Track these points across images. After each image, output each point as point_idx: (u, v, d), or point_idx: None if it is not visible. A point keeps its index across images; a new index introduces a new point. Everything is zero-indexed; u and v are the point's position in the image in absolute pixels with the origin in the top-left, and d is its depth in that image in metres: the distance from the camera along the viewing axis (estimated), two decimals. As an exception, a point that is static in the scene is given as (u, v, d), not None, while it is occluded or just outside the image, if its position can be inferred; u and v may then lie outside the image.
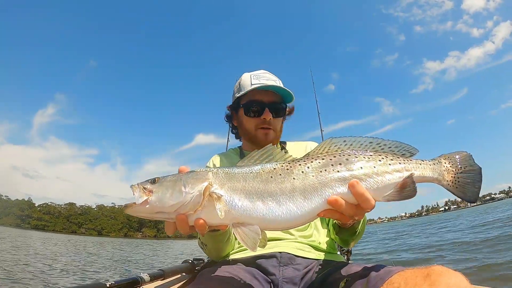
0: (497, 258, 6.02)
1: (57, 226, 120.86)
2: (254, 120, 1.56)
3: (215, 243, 1.34)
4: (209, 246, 1.37)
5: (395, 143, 0.98)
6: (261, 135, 1.56)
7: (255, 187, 0.90)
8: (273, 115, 1.54)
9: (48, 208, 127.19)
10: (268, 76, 1.60)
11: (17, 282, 6.44)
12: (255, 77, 1.58)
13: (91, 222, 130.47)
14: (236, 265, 1.29)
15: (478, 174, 0.99)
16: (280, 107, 1.57)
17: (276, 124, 1.58)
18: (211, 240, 1.32)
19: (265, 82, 1.55)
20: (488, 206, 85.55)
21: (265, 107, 1.53)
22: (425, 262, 6.16)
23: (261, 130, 1.56)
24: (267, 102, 1.54)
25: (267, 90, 1.55)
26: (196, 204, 0.87)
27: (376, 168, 0.92)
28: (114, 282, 1.45)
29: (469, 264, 5.89)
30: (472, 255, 6.83)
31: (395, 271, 0.92)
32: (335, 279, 1.11)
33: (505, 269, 5.06)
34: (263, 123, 1.55)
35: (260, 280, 1.23)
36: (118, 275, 8.84)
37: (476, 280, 4.44)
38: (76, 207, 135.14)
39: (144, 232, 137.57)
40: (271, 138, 1.57)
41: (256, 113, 1.54)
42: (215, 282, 1.12)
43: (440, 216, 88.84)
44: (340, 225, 1.29)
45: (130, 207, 0.88)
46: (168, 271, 1.79)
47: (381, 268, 0.99)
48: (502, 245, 7.49)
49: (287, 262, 1.30)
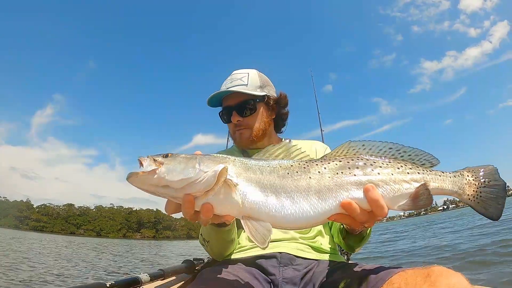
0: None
1: (55, 227, 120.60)
2: (230, 125, 1.65)
3: (218, 241, 1.33)
4: (212, 243, 1.36)
5: (415, 151, 0.95)
6: (238, 137, 1.62)
7: (271, 181, 0.87)
8: (242, 115, 1.57)
9: (47, 209, 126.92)
10: (234, 77, 1.62)
11: (17, 283, 6.41)
12: (224, 83, 1.63)
13: (90, 223, 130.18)
14: (236, 265, 1.29)
15: (502, 190, 0.93)
16: (247, 106, 1.57)
17: (249, 122, 1.59)
18: (215, 236, 1.31)
19: (229, 86, 1.58)
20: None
21: (232, 111, 1.57)
22: (426, 263, 6.16)
23: (237, 133, 1.61)
24: (234, 104, 1.58)
25: (228, 94, 1.60)
26: (207, 186, 0.81)
27: (393, 175, 0.90)
28: (114, 282, 1.44)
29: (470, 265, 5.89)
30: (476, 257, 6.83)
31: (395, 271, 0.92)
32: (334, 279, 1.11)
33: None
34: (235, 126, 1.61)
35: (260, 280, 1.23)
36: (118, 275, 8.83)
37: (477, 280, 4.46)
38: (75, 208, 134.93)
39: (143, 232, 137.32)
40: (246, 136, 1.60)
41: (227, 119, 1.61)
42: (215, 282, 1.12)
43: (439, 215, 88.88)
44: (348, 231, 1.28)
45: (135, 175, 0.81)
46: (168, 271, 1.78)
47: (381, 269, 0.99)
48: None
49: (287, 263, 1.30)
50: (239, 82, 1.58)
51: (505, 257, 6.21)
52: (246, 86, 1.56)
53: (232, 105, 1.58)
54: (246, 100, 1.57)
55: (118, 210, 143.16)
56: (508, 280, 4.49)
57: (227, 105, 1.60)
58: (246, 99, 1.57)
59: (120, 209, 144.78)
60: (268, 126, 1.64)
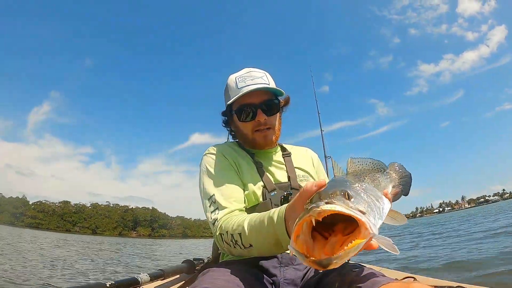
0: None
1: (51, 224, 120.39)
2: (249, 124, 1.49)
3: (267, 248, 1.15)
4: (261, 249, 1.17)
5: (371, 161, 1.06)
6: (260, 138, 1.50)
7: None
8: (267, 114, 1.47)
9: (42, 206, 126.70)
10: (253, 74, 1.51)
11: (16, 283, 6.38)
12: (240, 80, 1.50)
13: (86, 220, 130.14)
14: (236, 265, 1.27)
15: (410, 178, 1.22)
16: (273, 104, 1.49)
17: (272, 122, 1.51)
18: (277, 249, 1.13)
19: (250, 83, 1.47)
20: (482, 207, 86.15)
21: (257, 108, 1.46)
22: (421, 271, 6.17)
23: (258, 133, 1.50)
24: (258, 102, 1.46)
25: (251, 91, 1.46)
26: None
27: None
28: (114, 282, 1.44)
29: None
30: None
31: (382, 282, 0.91)
32: (329, 282, 1.11)
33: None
34: (258, 125, 1.48)
35: (261, 280, 1.22)
36: (118, 275, 8.82)
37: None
38: (71, 205, 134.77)
39: (139, 231, 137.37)
40: (270, 138, 1.51)
41: (249, 116, 1.47)
42: (216, 283, 1.11)
43: (434, 218, 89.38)
44: None
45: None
46: (168, 271, 1.78)
47: (371, 277, 0.99)
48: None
49: (287, 263, 1.29)
50: (261, 81, 1.48)
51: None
52: (269, 85, 1.48)
53: (256, 103, 1.46)
54: (271, 99, 1.49)
55: (114, 208, 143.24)
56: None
57: (250, 102, 1.47)
58: (271, 98, 1.49)
59: (116, 207, 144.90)
60: (280, 126, 1.59)
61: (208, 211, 1.31)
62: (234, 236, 1.19)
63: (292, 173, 1.48)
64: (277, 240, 1.06)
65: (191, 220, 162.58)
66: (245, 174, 1.42)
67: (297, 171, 1.51)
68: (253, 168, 1.45)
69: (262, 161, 1.49)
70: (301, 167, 1.54)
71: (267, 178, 1.41)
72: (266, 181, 1.40)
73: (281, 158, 1.55)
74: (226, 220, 1.23)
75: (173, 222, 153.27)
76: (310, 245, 0.67)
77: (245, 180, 1.40)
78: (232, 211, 1.28)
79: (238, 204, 1.32)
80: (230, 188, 1.35)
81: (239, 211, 1.30)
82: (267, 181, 1.40)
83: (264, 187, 1.39)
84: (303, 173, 1.51)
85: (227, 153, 1.50)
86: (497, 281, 4.38)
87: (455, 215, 59.76)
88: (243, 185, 1.39)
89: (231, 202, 1.30)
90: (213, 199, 1.31)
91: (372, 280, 0.94)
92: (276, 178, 1.45)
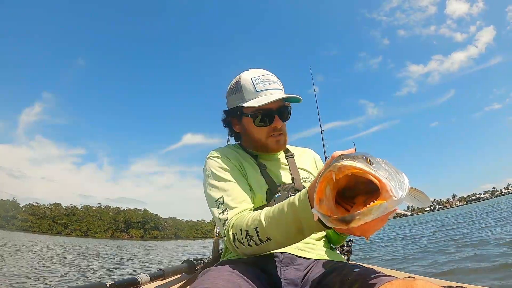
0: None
1: (42, 227, 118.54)
2: (265, 129, 1.47)
3: (288, 237, 1.11)
4: (280, 241, 1.12)
5: None
6: (273, 143, 1.49)
7: None
8: (283, 120, 1.47)
9: (33, 208, 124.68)
10: (270, 78, 1.50)
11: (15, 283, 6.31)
12: (258, 82, 1.47)
13: (77, 223, 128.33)
14: (237, 265, 1.26)
15: None
16: (288, 110, 1.50)
17: (284, 128, 1.52)
18: (293, 234, 1.10)
19: (269, 87, 1.46)
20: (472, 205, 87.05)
21: (275, 115, 1.45)
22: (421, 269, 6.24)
23: (272, 138, 1.48)
24: (276, 108, 1.45)
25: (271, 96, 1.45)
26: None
27: None
28: (114, 282, 1.44)
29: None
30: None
31: (385, 280, 0.92)
32: (329, 282, 1.11)
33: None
34: (274, 131, 1.47)
35: (262, 280, 1.22)
36: (118, 275, 8.77)
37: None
38: (62, 207, 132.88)
39: (131, 232, 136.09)
40: (282, 143, 1.51)
41: (266, 122, 1.46)
42: (216, 283, 1.10)
43: (425, 216, 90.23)
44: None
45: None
46: (168, 271, 1.78)
47: (373, 276, 0.99)
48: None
49: (288, 263, 1.28)
50: (277, 86, 1.48)
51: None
52: (283, 91, 1.49)
53: (274, 109, 1.45)
54: (286, 106, 1.48)
55: (106, 210, 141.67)
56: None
57: (269, 108, 1.45)
58: (285, 105, 1.48)
59: (107, 209, 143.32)
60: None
61: (217, 213, 1.28)
62: (249, 232, 1.16)
63: (296, 174, 1.47)
64: (299, 227, 1.05)
65: (183, 221, 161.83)
66: (250, 176, 1.41)
67: (300, 172, 1.50)
68: (257, 170, 1.43)
69: (265, 163, 1.48)
70: (304, 168, 1.54)
71: (271, 180, 1.40)
72: (270, 183, 1.39)
73: (284, 160, 1.54)
74: (238, 218, 1.21)
75: (165, 223, 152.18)
76: (333, 211, 0.71)
77: (250, 182, 1.39)
78: (243, 211, 1.26)
79: (248, 204, 1.30)
80: (237, 190, 1.33)
81: (250, 211, 1.28)
82: (271, 183, 1.39)
83: (269, 189, 1.38)
84: (306, 174, 1.51)
85: (231, 156, 1.49)
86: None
87: (449, 212, 60.43)
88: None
89: (240, 202, 1.29)
90: (221, 201, 1.29)
91: (374, 279, 0.95)
92: (280, 180, 1.44)
